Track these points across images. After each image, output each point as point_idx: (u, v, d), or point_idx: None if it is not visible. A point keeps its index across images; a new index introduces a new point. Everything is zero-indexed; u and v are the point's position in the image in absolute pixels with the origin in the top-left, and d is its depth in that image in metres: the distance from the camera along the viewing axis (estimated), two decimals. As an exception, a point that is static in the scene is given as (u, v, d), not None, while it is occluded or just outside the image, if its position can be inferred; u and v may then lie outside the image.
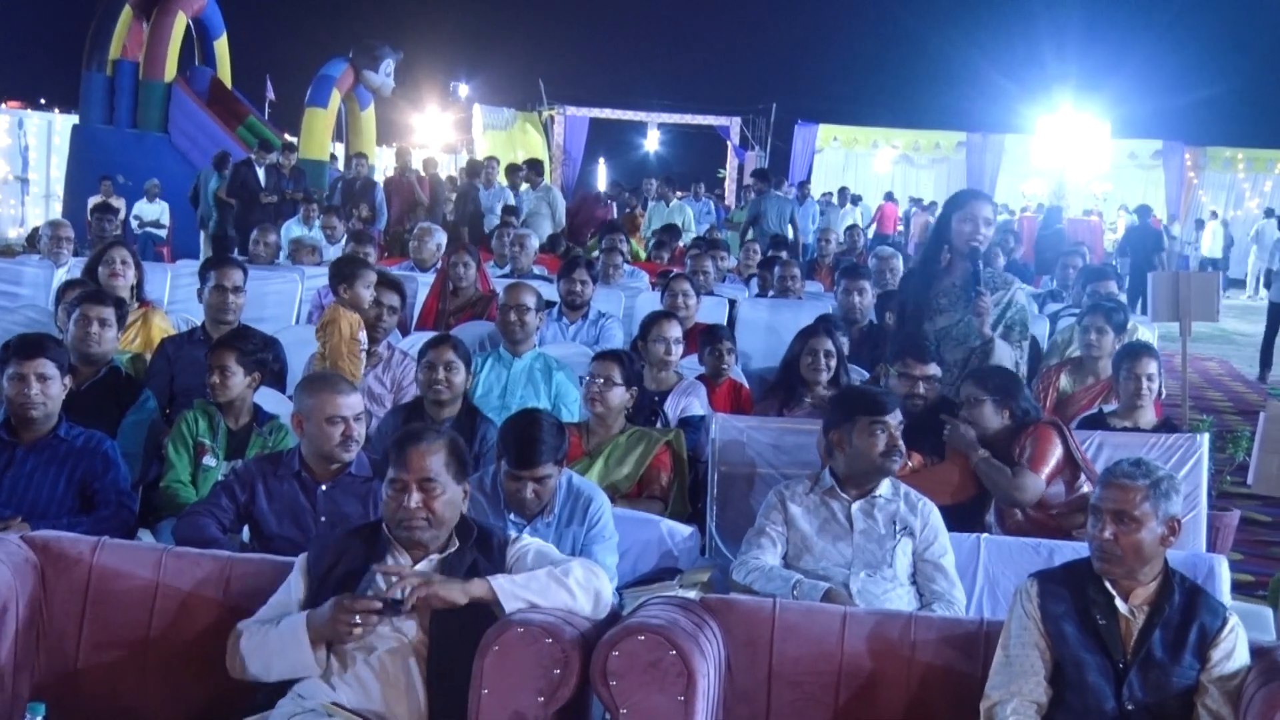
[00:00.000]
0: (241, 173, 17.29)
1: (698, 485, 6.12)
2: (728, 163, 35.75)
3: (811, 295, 11.13)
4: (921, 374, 6.10)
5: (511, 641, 3.79)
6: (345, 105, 22.55)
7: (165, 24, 21.74)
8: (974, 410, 5.76)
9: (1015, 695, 3.87)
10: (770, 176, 20.53)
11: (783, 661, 4.18)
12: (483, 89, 35.49)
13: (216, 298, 7.16)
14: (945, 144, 36.94)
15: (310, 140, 21.42)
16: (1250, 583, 7.26)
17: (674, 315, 7.41)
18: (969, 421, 5.76)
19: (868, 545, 4.84)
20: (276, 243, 11.74)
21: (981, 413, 5.75)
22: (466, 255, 9.63)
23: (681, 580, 4.90)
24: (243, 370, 5.81)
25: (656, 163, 38.00)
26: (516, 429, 4.94)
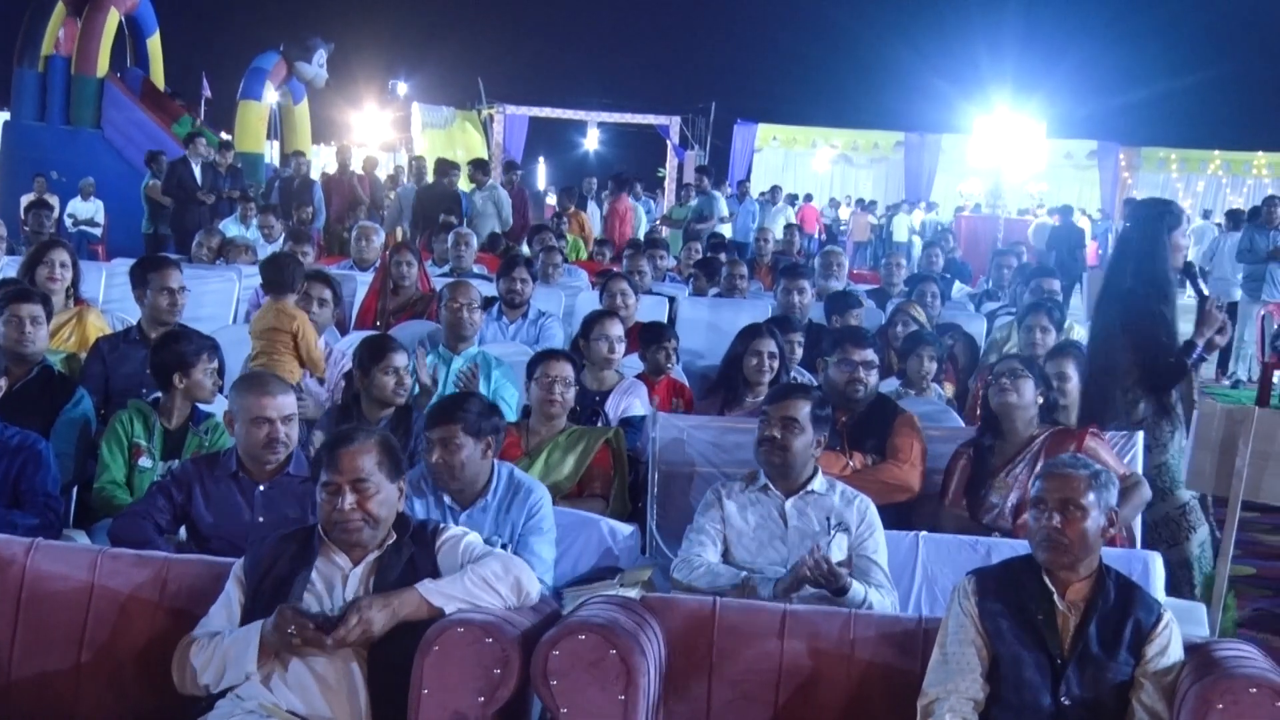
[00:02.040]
0: (178, 171, 17.12)
1: (638, 484, 6.11)
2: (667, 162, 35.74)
3: (752, 294, 11.14)
4: (860, 359, 6.09)
5: (452, 641, 3.78)
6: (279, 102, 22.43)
7: (97, 20, 21.55)
8: (1018, 380, 5.72)
9: (952, 692, 3.89)
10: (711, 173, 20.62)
11: (723, 660, 4.18)
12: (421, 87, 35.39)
13: (165, 300, 7.05)
14: (884, 144, 37.15)
15: (245, 133, 21.28)
16: (1184, 578, 7.33)
17: (616, 314, 7.41)
18: (1007, 389, 5.73)
19: (803, 542, 4.83)
20: (219, 244, 11.64)
21: (1024, 384, 5.72)
22: (409, 254, 9.62)
23: (622, 579, 4.89)
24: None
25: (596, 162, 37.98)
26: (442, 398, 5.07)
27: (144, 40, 23.36)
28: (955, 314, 10.30)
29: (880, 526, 4.96)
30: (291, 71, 21.95)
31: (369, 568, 4.04)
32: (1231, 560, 5.67)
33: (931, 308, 9.65)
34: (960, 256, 18.59)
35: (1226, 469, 5.58)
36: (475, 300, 7.36)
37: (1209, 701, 3.65)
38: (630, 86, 40.20)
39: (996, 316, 10.34)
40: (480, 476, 5.01)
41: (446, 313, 7.36)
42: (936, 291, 10.00)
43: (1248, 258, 15.45)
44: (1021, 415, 5.72)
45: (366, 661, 3.92)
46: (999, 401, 5.74)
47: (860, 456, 5.85)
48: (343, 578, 4.04)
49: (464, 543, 4.11)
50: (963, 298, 12.24)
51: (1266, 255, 15.17)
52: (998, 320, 10.04)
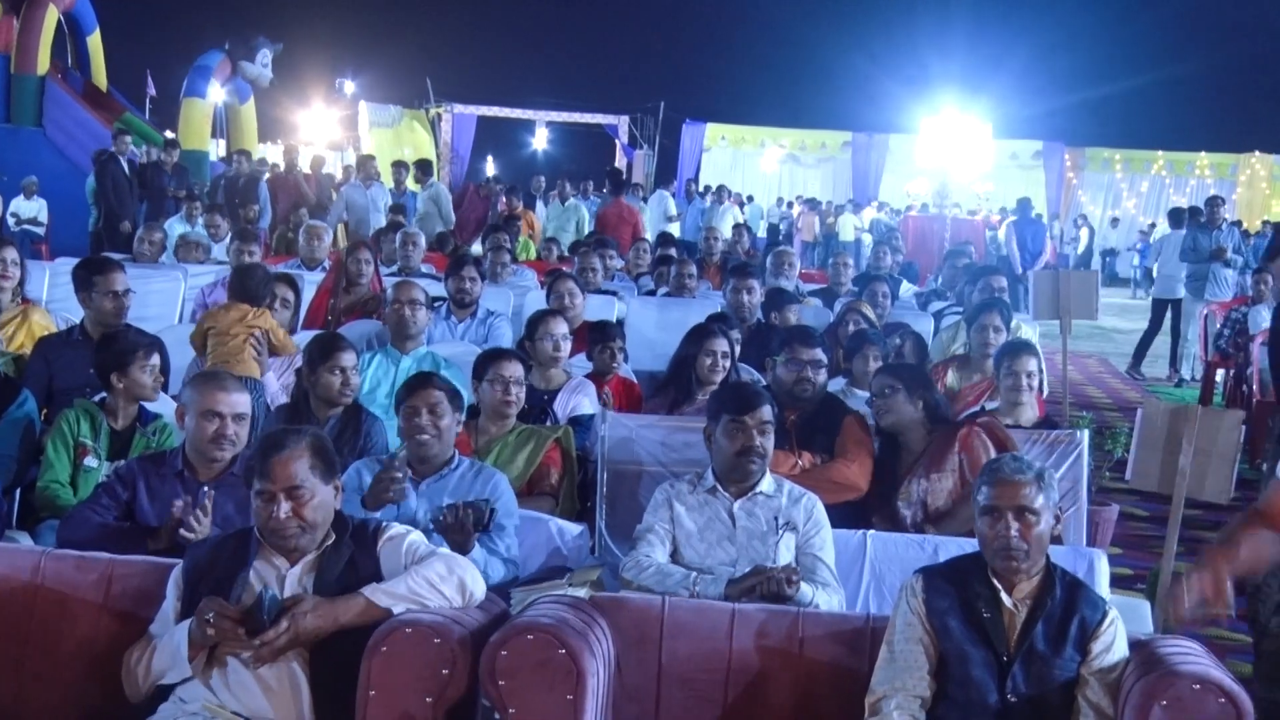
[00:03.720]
0: (110, 169, 16.95)
1: (587, 483, 6.11)
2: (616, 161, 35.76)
3: (701, 294, 11.16)
4: (809, 358, 6.11)
5: (400, 642, 3.77)
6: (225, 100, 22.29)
7: (36, 17, 21.37)
8: (888, 400, 5.82)
9: (900, 690, 3.91)
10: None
11: (672, 659, 4.18)
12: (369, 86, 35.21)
13: (110, 304, 6.97)
14: (831, 143, 37.33)
15: (189, 131, 21.16)
16: (1129, 576, 7.40)
17: (561, 313, 7.41)
18: (884, 410, 5.83)
19: (751, 543, 4.84)
20: (162, 240, 11.56)
21: (895, 401, 5.81)
22: (366, 252, 9.63)
23: (571, 579, 4.89)
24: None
25: (545, 161, 37.95)
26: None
27: (84, 38, 23.16)
28: (903, 313, 10.35)
29: (827, 525, 4.97)
30: (236, 70, 21.82)
31: (306, 568, 4.02)
32: (1175, 558, 5.71)
33: (881, 307, 9.70)
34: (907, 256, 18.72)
35: (1170, 467, 5.62)
36: (420, 299, 7.36)
37: (1153, 698, 3.68)
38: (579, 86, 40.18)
39: (943, 316, 10.39)
40: (448, 449, 5.19)
41: (391, 312, 7.36)
42: (887, 291, 10.05)
43: (1190, 257, 15.60)
44: (909, 427, 5.81)
45: (309, 663, 3.89)
46: (884, 425, 5.87)
47: (809, 455, 5.87)
48: (279, 578, 4.01)
49: (407, 542, 4.09)
50: (910, 297, 12.30)
51: (1209, 255, 15.32)
52: (945, 320, 10.09)
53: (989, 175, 33.04)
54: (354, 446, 5.74)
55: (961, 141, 29.55)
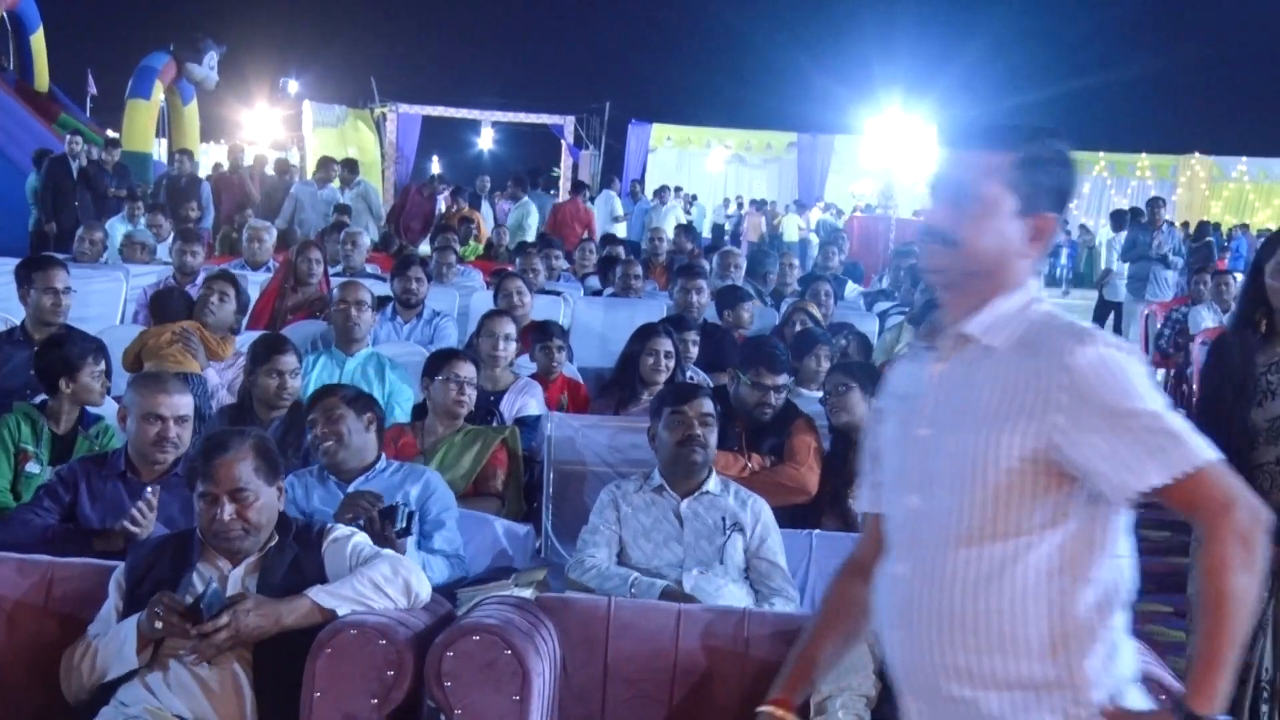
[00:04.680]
0: (55, 169, 16.78)
1: (533, 484, 6.10)
2: (562, 161, 35.73)
3: (647, 294, 11.18)
4: (773, 384, 6.12)
5: (344, 644, 3.75)
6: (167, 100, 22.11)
7: (-23, 16, 21.17)
8: (842, 398, 5.84)
9: (846, 689, 3.92)
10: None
11: (618, 660, 4.18)
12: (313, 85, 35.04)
13: (49, 300, 6.92)
14: (777, 144, 37.40)
15: (133, 132, 20.94)
16: (1072, 574, 7.45)
17: (508, 313, 7.40)
18: (839, 408, 5.86)
19: (698, 542, 4.86)
20: (103, 240, 11.46)
21: (850, 399, 5.83)
22: (316, 252, 9.59)
23: (517, 579, 4.89)
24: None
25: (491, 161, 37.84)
26: None
27: (27, 37, 22.92)
28: (848, 313, 10.39)
29: (776, 528, 5.00)
30: (181, 72, 21.65)
31: (249, 569, 4.00)
32: (1118, 555, 5.76)
33: (825, 306, 9.74)
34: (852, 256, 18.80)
35: (1113, 465, 5.66)
36: (366, 299, 7.31)
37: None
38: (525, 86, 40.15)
39: (888, 316, 10.44)
40: (366, 451, 5.10)
41: (336, 313, 7.31)
42: (830, 290, 10.09)
43: (1131, 257, 15.75)
44: (861, 424, 5.81)
45: (251, 664, 3.87)
46: (837, 423, 5.88)
47: (758, 458, 5.89)
48: (222, 580, 3.99)
49: (351, 543, 4.08)
50: (856, 297, 12.36)
51: (1148, 255, 15.48)
52: (889, 320, 10.14)
53: (933, 176, 33.16)
54: (297, 448, 5.71)
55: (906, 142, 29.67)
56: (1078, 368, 2.45)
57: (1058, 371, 2.46)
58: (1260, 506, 2.44)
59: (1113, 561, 2.58)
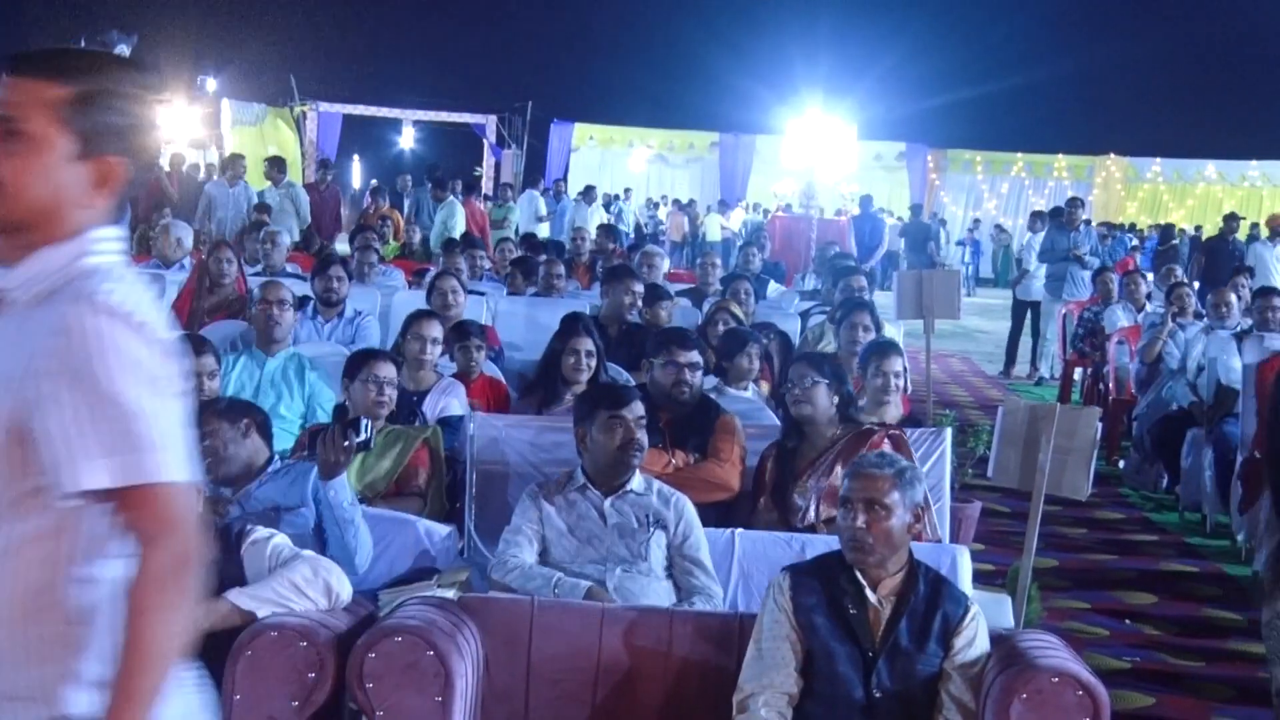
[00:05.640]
0: None
1: (456, 484, 6.08)
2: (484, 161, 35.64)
3: (569, 293, 11.18)
4: (686, 360, 6.12)
5: (264, 646, 3.73)
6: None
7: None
8: (810, 391, 5.79)
9: (767, 687, 3.94)
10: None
11: (541, 659, 4.18)
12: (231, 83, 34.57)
13: None
14: (699, 144, 37.52)
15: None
16: (991, 572, 7.52)
17: (435, 314, 7.37)
18: (802, 400, 5.80)
19: (621, 541, 4.86)
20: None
21: (817, 392, 5.80)
22: (228, 251, 9.51)
23: (439, 580, 4.87)
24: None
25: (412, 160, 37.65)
26: None
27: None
28: (770, 313, 10.43)
29: (699, 525, 5.01)
30: (88, 67, 21.35)
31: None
32: (1035, 553, 5.82)
33: (746, 305, 9.77)
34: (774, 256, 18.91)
35: (1030, 464, 5.72)
36: (286, 299, 7.26)
37: (1013, 691, 3.76)
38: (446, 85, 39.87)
39: (810, 315, 10.49)
40: (251, 457, 5.01)
41: (257, 313, 7.26)
42: (749, 289, 10.12)
43: (1049, 257, 15.93)
44: (821, 419, 5.82)
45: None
46: (797, 414, 5.85)
47: (682, 455, 5.89)
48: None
49: (271, 545, 4.05)
50: (778, 296, 12.42)
51: (1066, 255, 15.66)
52: (811, 319, 10.19)
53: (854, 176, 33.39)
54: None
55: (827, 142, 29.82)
56: (78, 332, 2.14)
57: (58, 334, 2.14)
58: (199, 547, 2.23)
59: (110, 563, 2.25)
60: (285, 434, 6.49)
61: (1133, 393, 11.34)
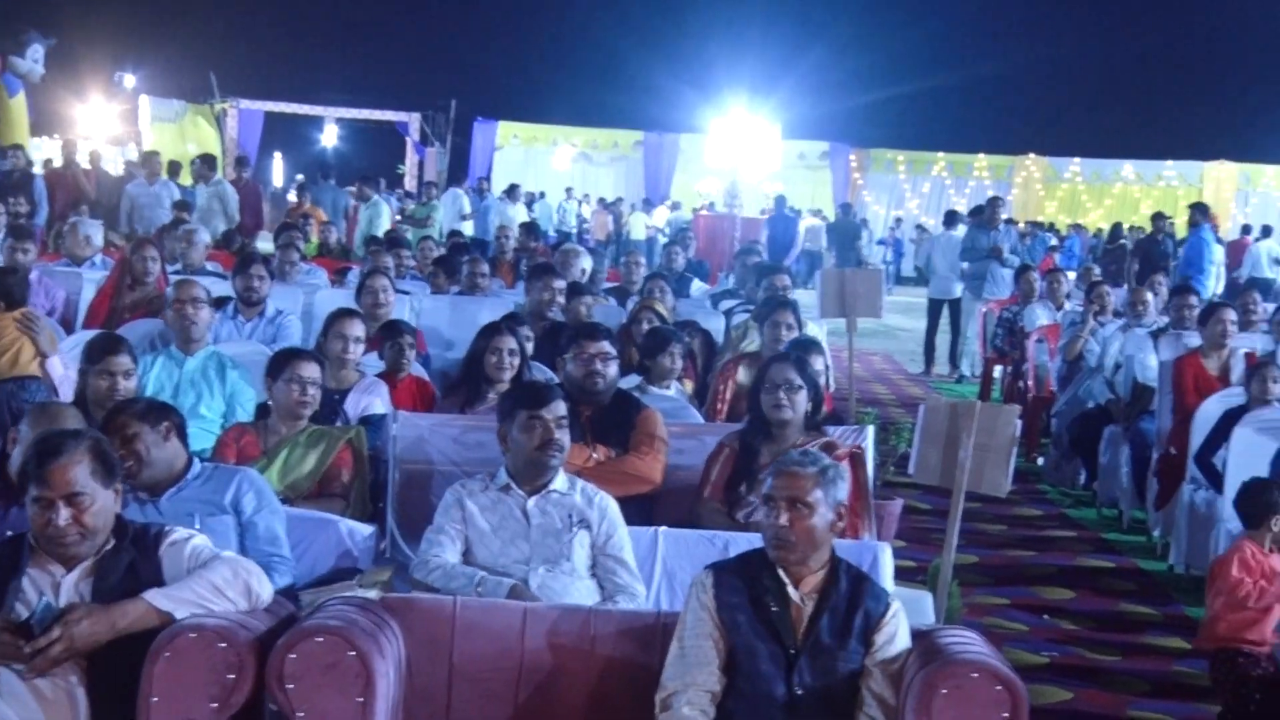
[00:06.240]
0: None
1: (379, 484, 6.06)
2: (407, 159, 35.47)
3: (493, 292, 11.16)
4: (595, 351, 6.13)
5: (183, 647, 3.69)
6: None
7: None
8: (794, 395, 5.80)
9: (690, 685, 3.95)
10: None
11: (463, 659, 4.17)
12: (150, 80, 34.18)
13: None
14: (623, 142, 37.54)
15: (-45, 127, 20.36)
16: (912, 568, 7.58)
17: (357, 313, 7.33)
18: (784, 404, 5.80)
19: (545, 540, 4.86)
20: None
21: (799, 399, 5.81)
22: (152, 249, 9.43)
23: (361, 580, 4.86)
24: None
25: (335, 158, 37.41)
26: None
27: None
28: (693, 311, 10.46)
29: (623, 524, 5.01)
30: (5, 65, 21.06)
31: (84, 574, 3.91)
32: (955, 550, 5.87)
33: (663, 304, 9.79)
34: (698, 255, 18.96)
35: (951, 461, 5.77)
36: (201, 297, 7.19)
37: (933, 687, 3.79)
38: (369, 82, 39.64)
39: (734, 314, 10.53)
40: (170, 461, 4.92)
41: (172, 312, 7.18)
42: (665, 288, 10.14)
43: (970, 256, 16.07)
44: (796, 423, 5.85)
45: (86, 671, 3.78)
46: (776, 417, 5.85)
47: (604, 449, 5.91)
48: (54, 585, 3.89)
49: (190, 546, 4.01)
50: (701, 295, 12.45)
51: (987, 254, 15.81)
52: (735, 318, 10.23)
53: (777, 175, 33.56)
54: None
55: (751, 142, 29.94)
56: None
57: None
58: None
59: None
60: (206, 434, 6.44)
61: (1052, 390, 11.47)
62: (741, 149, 29.83)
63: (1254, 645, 5.59)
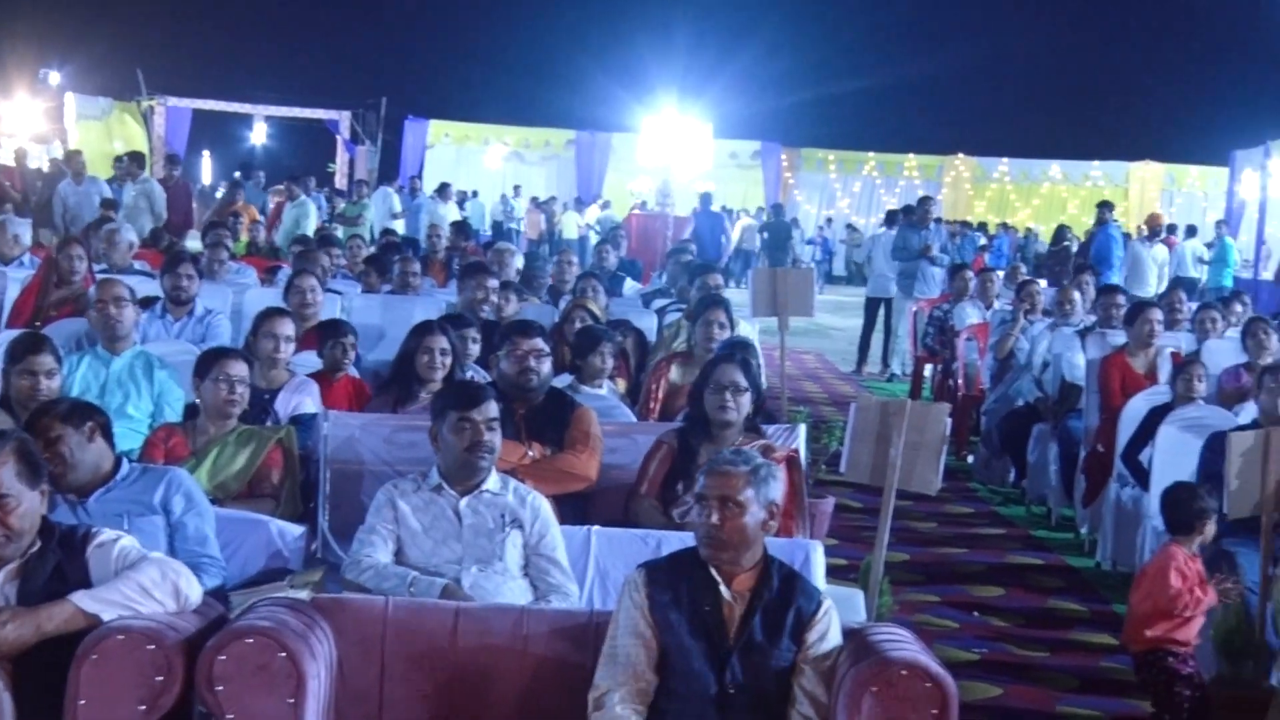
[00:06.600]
0: None
1: (310, 484, 6.02)
2: (338, 157, 35.25)
3: (425, 291, 11.13)
4: (528, 348, 6.12)
5: (111, 649, 3.65)
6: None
7: None
8: (740, 398, 5.82)
9: (623, 684, 3.95)
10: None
11: (395, 659, 4.16)
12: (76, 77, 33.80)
13: None
14: (555, 141, 37.47)
15: None
16: (844, 566, 7.61)
17: (287, 312, 7.28)
18: (730, 407, 5.81)
19: (477, 540, 4.85)
20: None
21: (743, 401, 5.83)
22: (79, 248, 9.35)
23: (292, 580, 4.82)
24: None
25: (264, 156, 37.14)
26: None
27: None
28: (626, 310, 10.46)
29: (555, 523, 5.00)
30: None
31: (9, 576, 3.86)
32: (887, 547, 5.90)
33: (596, 302, 9.80)
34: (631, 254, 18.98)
35: (882, 459, 5.79)
36: (125, 296, 7.11)
37: (864, 684, 3.81)
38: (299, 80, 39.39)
39: (666, 313, 10.54)
40: (97, 463, 4.85)
41: (95, 312, 7.10)
42: (597, 286, 10.14)
43: (901, 255, 16.17)
44: (739, 424, 5.88)
45: (11, 674, 3.73)
46: (720, 418, 5.86)
47: (539, 446, 5.91)
48: (-21, 588, 3.84)
49: (118, 547, 3.97)
50: (634, 294, 12.46)
51: (918, 253, 15.92)
52: (667, 317, 10.24)
53: (709, 174, 33.63)
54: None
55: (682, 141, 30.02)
56: None
57: None
58: None
59: None
60: (134, 434, 6.39)
61: (981, 389, 11.57)
62: (673, 148, 29.92)
63: (1181, 646, 5.66)
